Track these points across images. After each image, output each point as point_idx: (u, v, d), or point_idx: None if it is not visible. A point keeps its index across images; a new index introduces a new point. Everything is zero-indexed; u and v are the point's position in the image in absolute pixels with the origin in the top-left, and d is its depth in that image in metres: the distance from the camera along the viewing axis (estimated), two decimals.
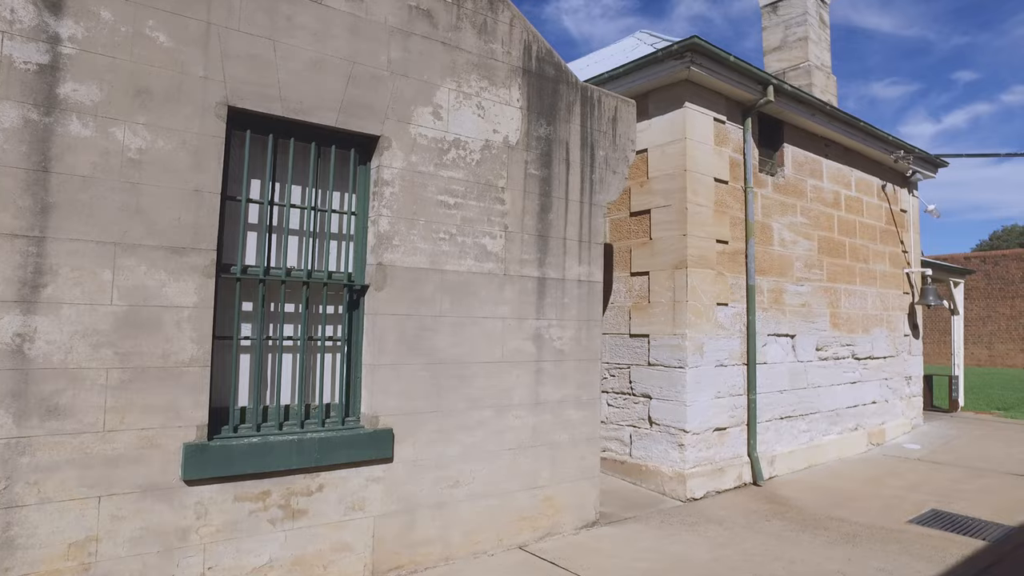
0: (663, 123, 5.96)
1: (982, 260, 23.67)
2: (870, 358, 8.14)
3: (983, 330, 23.41)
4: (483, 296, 4.26)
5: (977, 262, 23.69)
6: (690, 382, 5.60)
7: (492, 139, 4.37)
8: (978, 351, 23.49)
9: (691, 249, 5.70)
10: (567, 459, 4.66)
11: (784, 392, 6.69)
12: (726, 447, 5.94)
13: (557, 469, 4.60)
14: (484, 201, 4.31)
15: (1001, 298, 22.97)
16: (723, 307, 5.99)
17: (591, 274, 4.88)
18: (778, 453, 6.50)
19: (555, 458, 4.59)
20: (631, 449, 6.07)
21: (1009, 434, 9.01)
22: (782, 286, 6.74)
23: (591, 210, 4.91)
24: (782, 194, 6.87)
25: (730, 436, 5.99)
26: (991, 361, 23.21)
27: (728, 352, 6.01)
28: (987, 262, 23.54)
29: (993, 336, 23.11)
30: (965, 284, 23.84)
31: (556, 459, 4.60)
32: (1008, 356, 22.83)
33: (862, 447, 7.74)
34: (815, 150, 7.41)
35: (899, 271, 8.92)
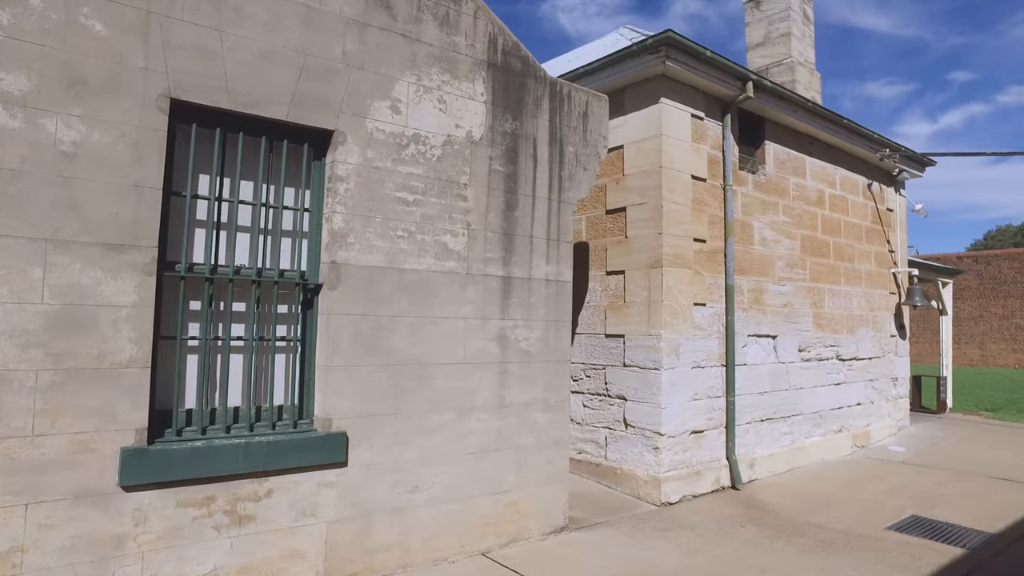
0: (639, 119, 5.88)
1: (974, 260, 23.65)
2: (855, 359, 8.06)
3: (975, 330, 23.41)
4: (444, 295, 4.17)
5: (969, 262, 23.68)
6: (665, 384, 5.51)
7: (454, 134, 4.28)
8: (970, 351, 23.49)
9: (666, 248, 5.61)
10: (534, 463, 4.57)
11: (765, 394, 6.60)
12: (703, 450, 5.85)
13: (523, 473, 4.51)
14: (445, 198, 4.22)
15: (993, 298, 22.95)
16: (701, 307, 5.91)
17: (560, 273, 4.79)
18: (758, 456, 6.41)
19: (521, 462, 4.50)
20: (606, 452, 5.98)
21: (995, 436, 8.93)
22: (763, 286, 6.66)
23: (560, 207, 4.82)
24: (763, 192, 6.78)
25: (708, 439, 5.90)
26: (983, 361, 23.18)
27: (706, 353, 5.92)
28: (979, 262, 23.52)
29: (985, 336, 23.10)
30: (957, 284, 23.91)
31: (522, 463, 4.50)
32: (1000, 356, 22.84)
33: (846, 449, 7.66)
34: (798, 148, 7.34)
35: (886, 271, 8.84)
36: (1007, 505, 5.59)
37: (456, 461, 4.18)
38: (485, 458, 4.32)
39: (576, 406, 6.39)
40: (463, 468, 4.21)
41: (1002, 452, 7.79)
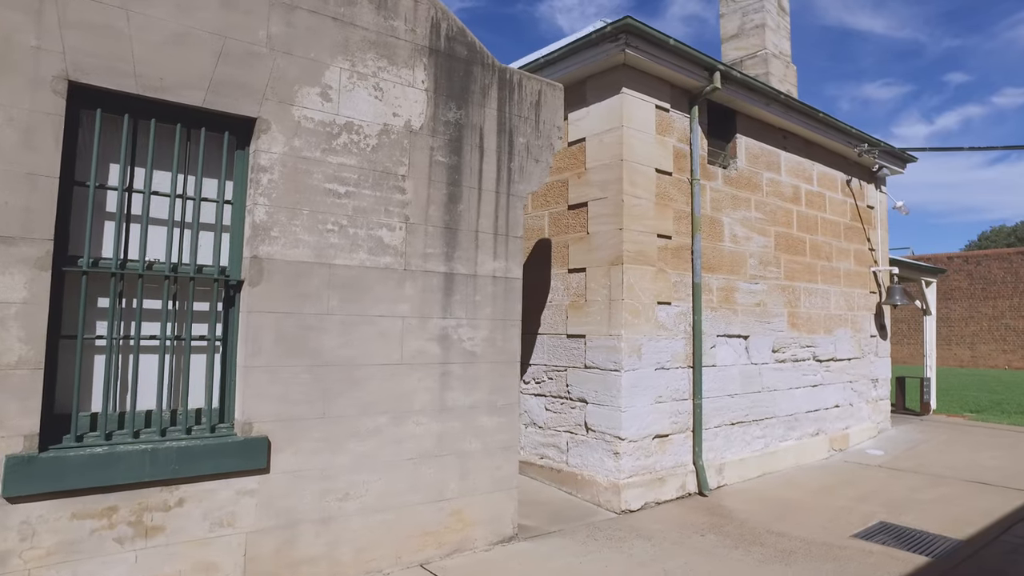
0: (601, 110, 5.71)
1: (964, 260, 23.59)
2: (833, 360, 7.90)
3: (965, 331, 23.33)
4: (379, 293, 3.99)
5: (960, 262, 23.62)
6: (626, 386, 5.33)
7: (391, 123, 4.10)
8: (960, 352, 23.44)
9: (627, 244, 5.44)
10: (479, 469, 4.39)
11: (736, 396, 6.43)
12: (668, 455, 5.67)
13: (467, 480, 4.33)
14: (381, 190, 4.04)
15: (984, 298, 22.88)
16: (665, 306, 5.73)
17: (508, 270, 4.61)
18: (728, 461, 6.24)
19: (465, 468, 4.32)
20: (568, 457, 5.80)
21: (977, 438, 8.78)
22: (734, 284, 6.49)
23: (509, 201, 4.64)
24: (734, 187, 6.62)
25: (673, 443, 5.73)
26: (973, 362, 23.10)
27: (670, 354, 5.75)
28: (970, 262, 23.46)
29: (975, 337, 23.03)
30: (947, 285, 23.85)
31: (466, 469, 4.32)
32: (990, 357, 22.80)
33: (823, 453, 7.49)
34: (772, 142, 7.17)
35: (866, 269, 8.69)
36: (980, 510, 5.43)
37: (392, 467, 4.00)
38: (425, 464, 4.14)
39: (538, 409, 6.21)
40: (400, 475, 4.03)
41: (981, 455, 7.63)
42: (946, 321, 23.48)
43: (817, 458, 7.39)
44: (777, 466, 6.79)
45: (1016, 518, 5.21)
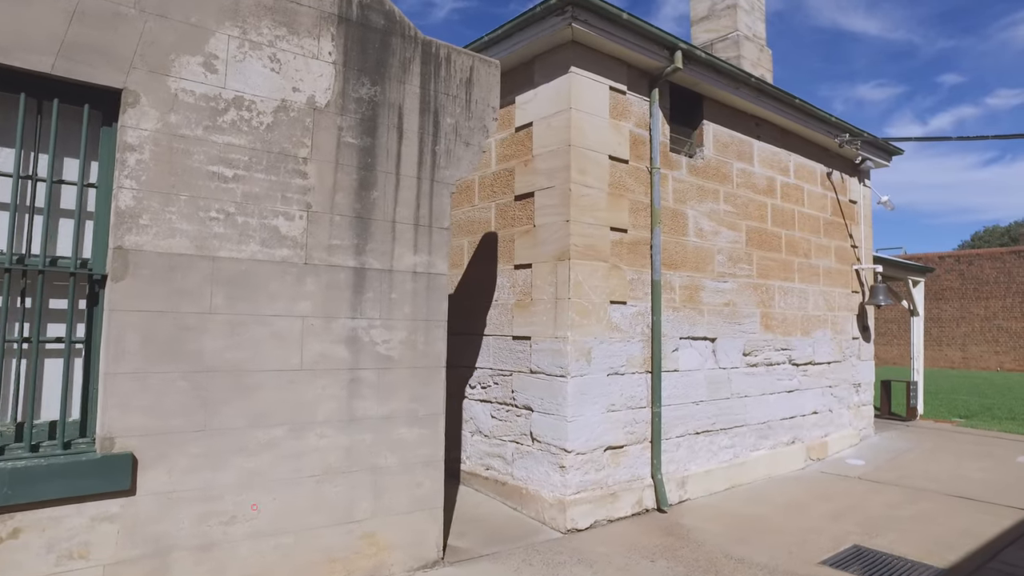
0: (549, 92, 5.30)
1: (956, 260, 23.30)
2: (811, 363, 7.49)
3: (957, 332, 23.01)
4: (274, 289, 3.57)
5: (952, 262, 23.32)
6: (572, 393, 4.92)
7: (292, 99, 3.69)
8: (952, 353, 23.15)
9: (575, 237, 5.02)
10: (396, 487, 3.97)
11: (701, 403, 6.02)
12: (622, 468, 5.26)
13: (382, 499, 3.91)
14: (278, 174, 3.62)
15: (975, 299, 22.54)
16: (619, 306, 5.32)
17: (431, 264, 4.19)
18: (691, 473, 5.82)
19: (379, 486, 3.90)
20: (513, 469, 5.39)
21: (964, 446, 8.37)
22: (699, 282, 6.08)
23: (433, 188, 4.23)
24: (701, 178, 6.21)
25: (628, 455, 5.31)
26: (965, 364, 22.76)
27: (625, 358, 5.33)
28: (961, 262, 23.15)
29: (967, 338, 22.70)
30: (938, 285, 23.46)
31: (381, 487, 3.91)
32: (982, 358, 22.51)
33: (799, 463, 7.08)
34: (743, 130, 6.77)
35: (847, 267, 8.29)
36: (963, 531, 5.02)
37: (290, 485, 3.58)
38: (330, 482, 3.72)
39: (484, 416, 5.79)
40: (299, 494, 3.61)
41: (968, 465, 7.23)
42: (937, 322, 23.16)
43: (792, 468, 6.98)
44: (747, 478, 6.38)
45: (1004, 542, 4.80)
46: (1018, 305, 21.62)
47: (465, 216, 6.24)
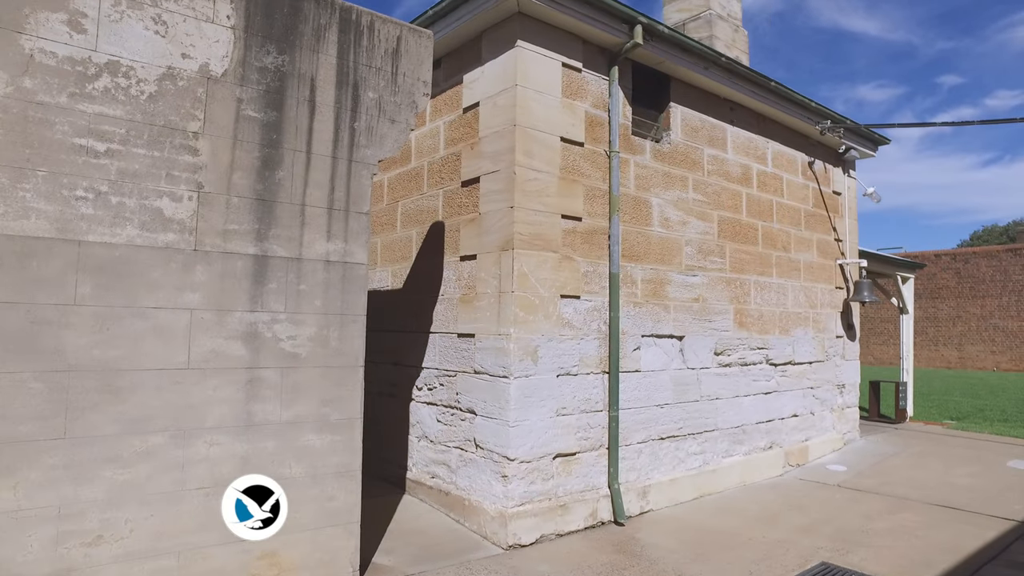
0: (495, 69, 4.91)
1: (952, 258, 22.96)
2: (790, 363, 7.09)
3: (953, 331, 22.61)
4: (156, 278, 3.19)
5: (948, 260, 22.95)
6: (515, 396, 4.52)
7: (180, 67, 3.30)
8: (948, 353, 22.80)
9: (520, 225, 4.63)
10: (303, 500, 3.58)
11: (666, 407, 5.63)
12: (575, 477, 4.87)
13: (288, 513, 3.51)
14: (162, 149, 3.23)
15: (972, 297, 22.13)
16: (572, 300, 4.93)
17: (348, 253, 3.80)
18: (654, 482, 5.43)
19: (283, 499, 3.51)
20: (456, 477, 5.00)
21: (953, 450, 7.96)
22: (665, 276, 5.69)
23: (351, 169, 3.84)
24: (667, 164, 5.81)
25: (581, 464, 4.92)
26: (961, 363, 22.35)
27: (578, 357, 4.94)
28: (957, 260, 22.77)
29: (963, 337, 22.31)
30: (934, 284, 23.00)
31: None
32: (979, 358, 22.14)
33: (777, 470, 6.68)
34: (715, 114, 6.37)
35: (831, 262, 7.88)
36: (943, 546, 4.63)
37: (173, 500, 3.19)
38: (223, 495, 3.32)
39: (430, 420, 5.40)
40: (184, 509, 3.22)
41: (956, 471, 6.82)
42: (933, 321, 22.78)
43: (769, 475, 6.58)
44: (718, 486, 5.99)
45: (984, 558, 4.41)
46: (1014, 304, 21.21)
47: (414, 205, 5.85)
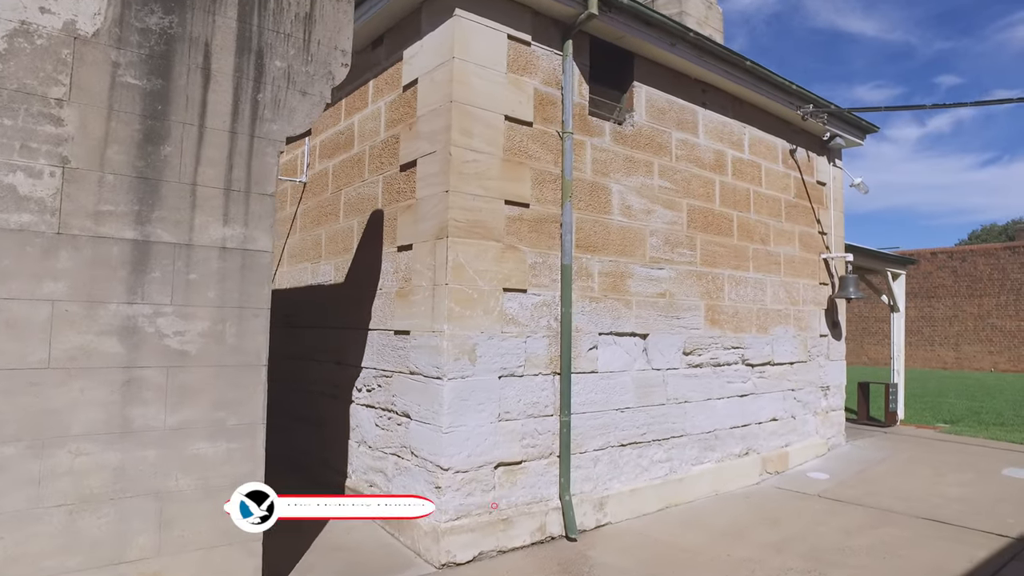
0: (434, 42, 4.55)
1: (949, 256, 22.64)
2: (769, 364, 6.72)
3: (950, 331, 22.28)
4: (7, 266, 2.83)
5: (944, 258, 22.64)
6: (449, 399, 4.16)
7: (37, 23, 2.94)
8: (944, 353, 22.50)
9: (455, 211, 4.27)
10: (193, 516, 3.22)
11: (628, 410, 5.25)
12: (520, 489, 4.50)
13: (172, 531, 3.16)
14: (14, 117, 2.88)
15: (968, 296, 21.76)
16: (517, 294, 4.56)
17: (250, 239, 3.44)
18: (613, 493, 5.06)
19: (167, 515, 3.15)
20: (392, 487, 4.64)
21: (944, 456, 7.57)
22: (627, 269, 5.32)
23: (253, 145, 3.47)
24: (630, 147, 5.45)
25: (528, 473, 4.55)
26: (958, 364, 21.97)
27: (524, 357, 4.57)
28: (954, 258, 22.42)
29: (960, 337, 21.98)
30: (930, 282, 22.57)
31: (169, 516, 3.16)
32: (976, 359, 21.78)
33: (752, 478, 6.31)
34: (685, 95, 6.01)
35: (814, 256, 7.51)
36: (927, 567, 4.27)
37: (28, 519, 2.83)
38: (91, 512, 2.97)
39: (368, 424, 5.04)
40: (41, 530, 2.86)
41: (946, 479, 6.44)
42: (929, 320, 22.44)
43: (744, 484, 6.20)
44: (686, 496, 5.61)
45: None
46: (1012, 303, 20.84)
47: (356, 193, 5.49)
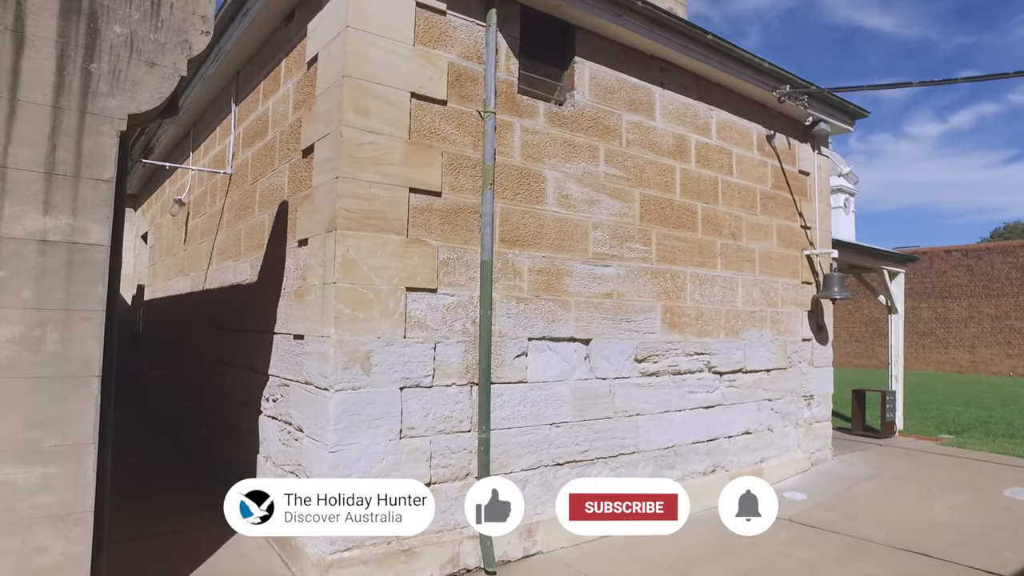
0: (332, 11, 4.14)
1: (964, 254, 21.83)
2: (741, 371, 6.20)
3: (965, 332, 21.53)
4: None
5: (959, 256, 21.82)
6: (337, 413, 3.73)
7: None
8: (959, 356, 21.75)
9: (346, 200, 3.84)
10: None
11: (565, 425, 4.79)
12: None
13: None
14: None
15: (985, 296, 20.92)
16: (425, 294, 4.12)
17: (79, 231, 3.03)
18: (545, 519, 4.59)
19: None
20: None
21: (941, 473, 6.97)
22: (564, 266, 4.85)
23: (84, 123, 3.07)
24: (570, 130, 4.99)
25: (440, 497, 4.09)
26: (974, 367, 21.18)
27: (432, 365, 4.13)
28: (970, 256, 21.58)
29: (976, 339, 21.22)
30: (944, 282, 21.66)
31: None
32: (993, 362, 20.98)
33: (718, 499, 5.76)
34: (639, 74, 5.53)
35: (796, 253, 6.98)
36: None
37: None
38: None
39: (273, 438, 4.64)
40: None
41: (938, 502, 5.87)
42: (943, 322, 21.67)
43: (708, 505, 5.66)
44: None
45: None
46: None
47: (268, 184, 5.09)
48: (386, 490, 3.44)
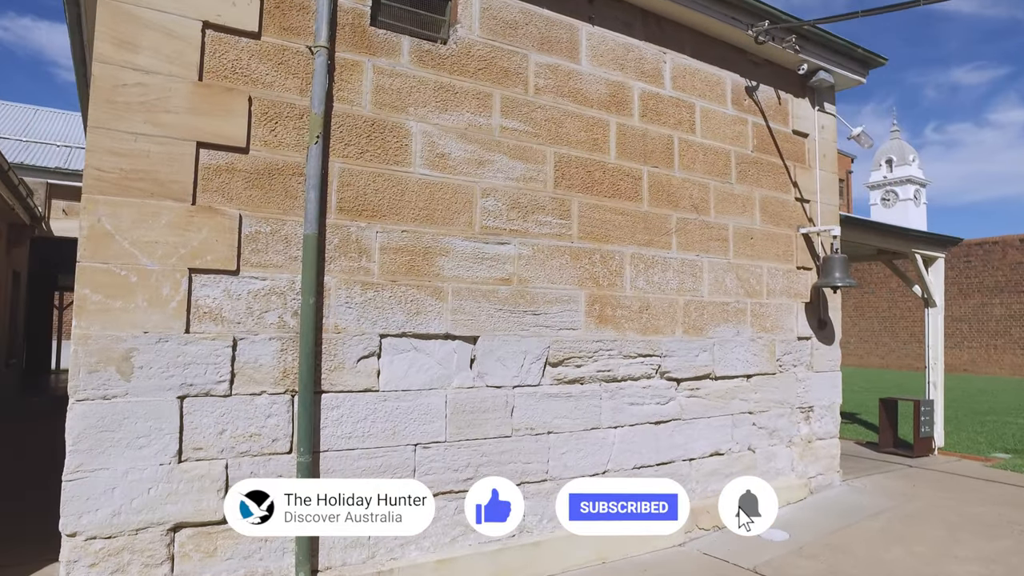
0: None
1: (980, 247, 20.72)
2: (707, 377, 5.15)
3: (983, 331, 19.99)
4: None
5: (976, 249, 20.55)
6: (79, 430, 3.02)
7: None
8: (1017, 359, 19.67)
9: (99, 157, 3.13)
10: None
11: (436, 446, 3.92)
12: (224, 561, 3.29)
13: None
14: None
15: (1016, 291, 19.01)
16: (220, 277, 3.35)
17: None
18: (404, 565, 3.71)
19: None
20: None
21: (977, 508, 5.60)
22: (436, 243, 3.99)
23: None
24: (448, 73, 4.13)
25: (238, 539, 3.30)
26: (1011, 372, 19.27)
27: (230, 368, 3.34)
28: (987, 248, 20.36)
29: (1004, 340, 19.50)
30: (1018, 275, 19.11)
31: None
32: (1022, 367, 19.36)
33: (671, 539, 4.74)
34: (556, 6, 4.62)
35: (788, 231, 5.85)
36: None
37: None
38: None
39: None
40: None
41: (960, 550, 4.62)
42: (1019, 320, 20.00)
43: (656, 547, 4.66)
44: (548, 568, 4.19)
45: None
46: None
47: None
48: (386, 490, 3.39)
